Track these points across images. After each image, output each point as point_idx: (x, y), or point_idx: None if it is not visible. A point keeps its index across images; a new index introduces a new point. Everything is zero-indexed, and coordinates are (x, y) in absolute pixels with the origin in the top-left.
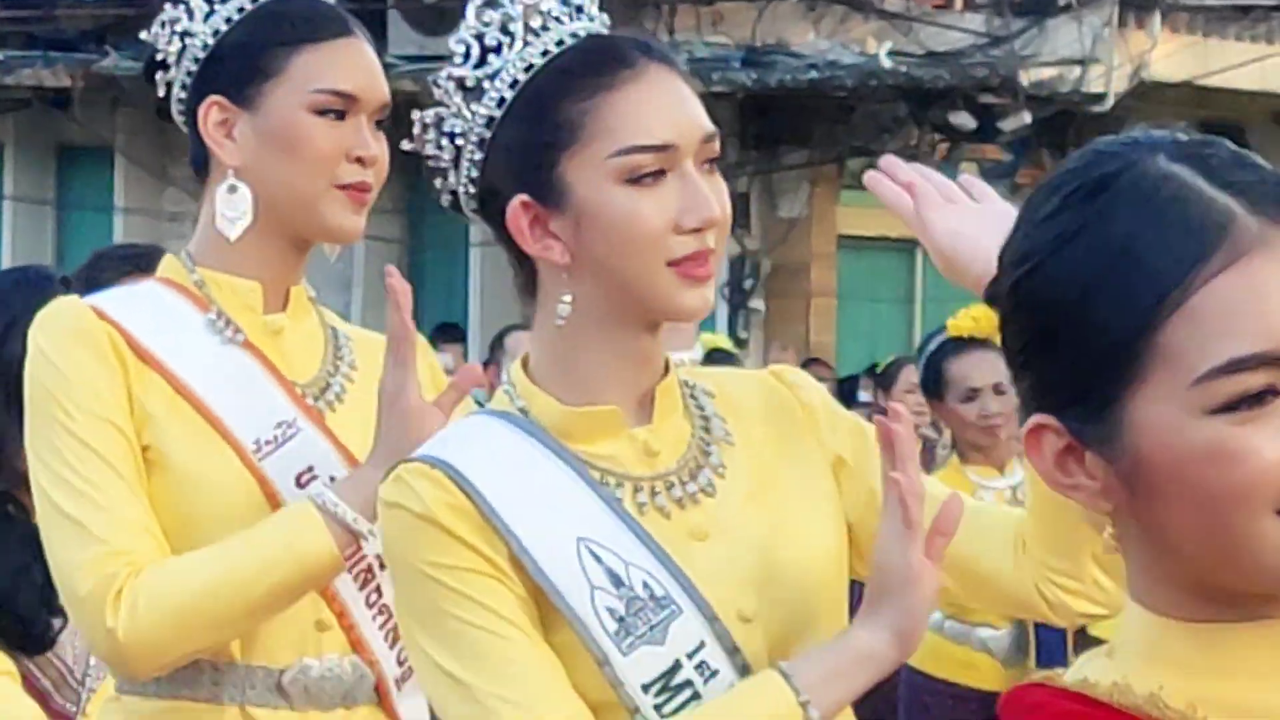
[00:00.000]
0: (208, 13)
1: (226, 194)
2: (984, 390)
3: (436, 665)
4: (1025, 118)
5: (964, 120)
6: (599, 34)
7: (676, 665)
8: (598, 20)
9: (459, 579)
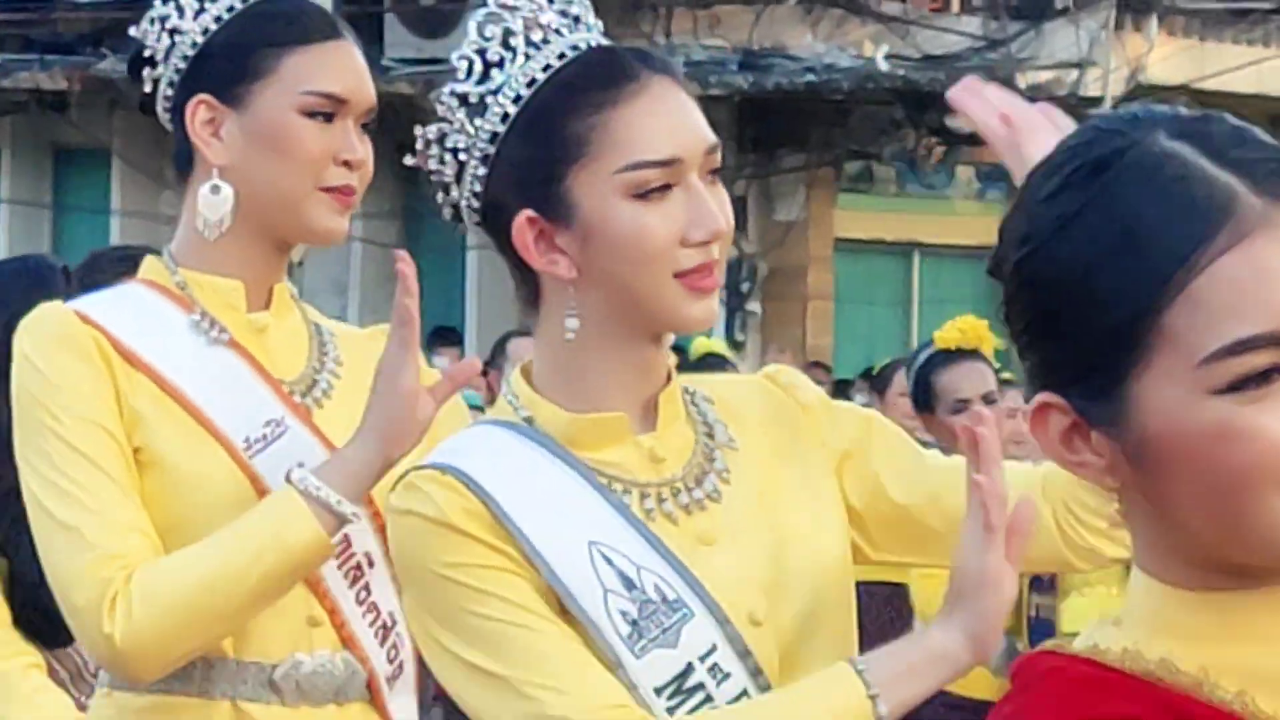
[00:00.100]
0: (197, 10)
1: (209, 194)
2: (973, 401)
3: (467, 664)
4: None
5: (961, 123)
6: (600, 46)
7: (689, 668)
8: (595, 30)
9: (478, 576)
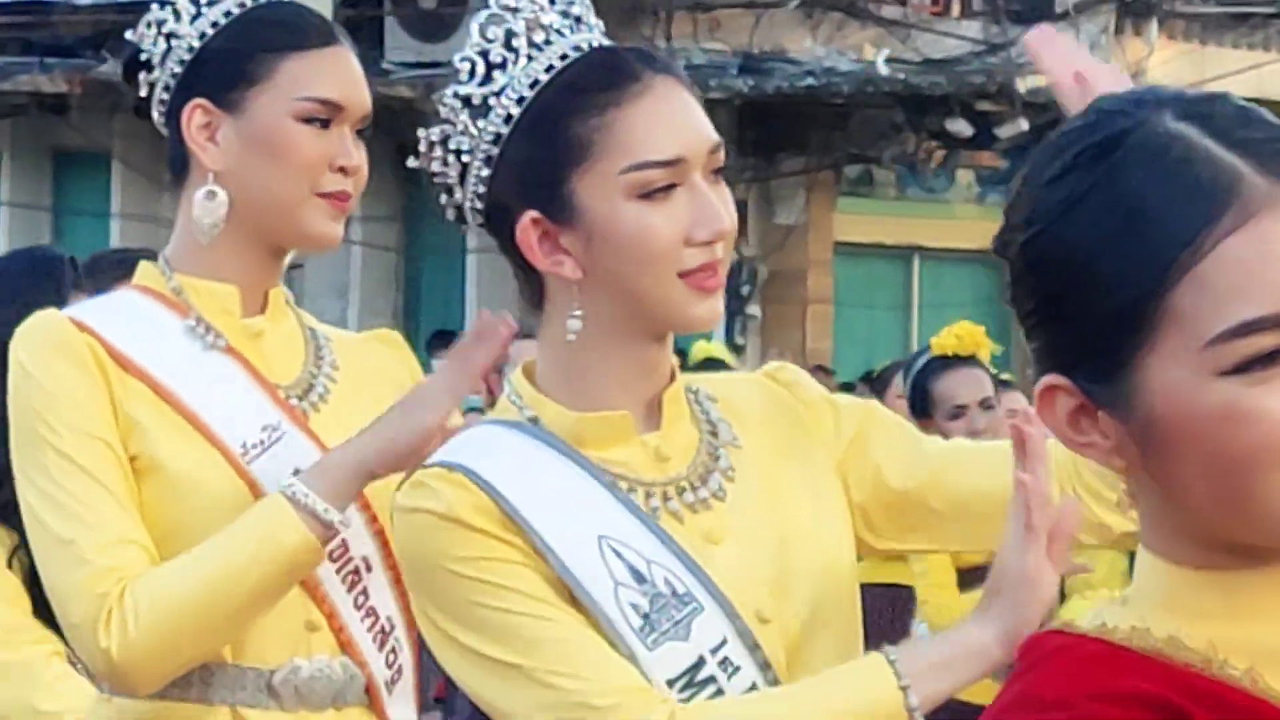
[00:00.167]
0: (194, 15)
1: (204, 199)
2: (970, 407)
3: (482, 657)
4: (1022, 124)
5: (961, 127)
6: (603, 46)
7: (701, 661)
8: (597, 29)
9: (489, 570)
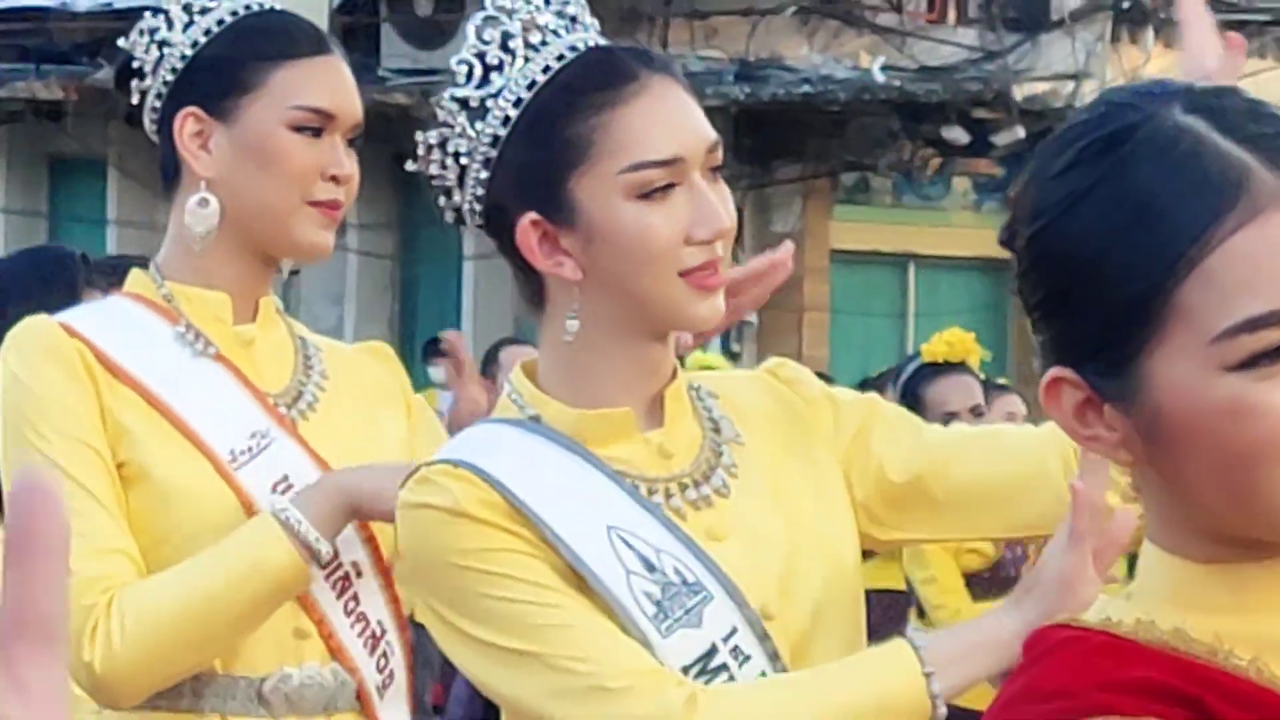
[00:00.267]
0: (187, 23)
1: (196, 207)
2: (961, 414)
3: (492, 647)
4: (1018, 132)
5: (957, 135)
6: (599, 46)
7: (713, 649)
8: (592, 29)
9: (497, 560)
